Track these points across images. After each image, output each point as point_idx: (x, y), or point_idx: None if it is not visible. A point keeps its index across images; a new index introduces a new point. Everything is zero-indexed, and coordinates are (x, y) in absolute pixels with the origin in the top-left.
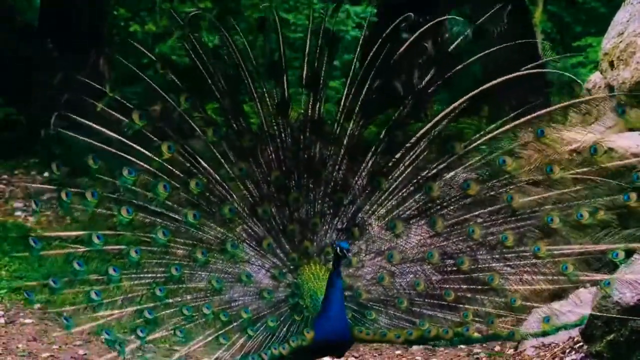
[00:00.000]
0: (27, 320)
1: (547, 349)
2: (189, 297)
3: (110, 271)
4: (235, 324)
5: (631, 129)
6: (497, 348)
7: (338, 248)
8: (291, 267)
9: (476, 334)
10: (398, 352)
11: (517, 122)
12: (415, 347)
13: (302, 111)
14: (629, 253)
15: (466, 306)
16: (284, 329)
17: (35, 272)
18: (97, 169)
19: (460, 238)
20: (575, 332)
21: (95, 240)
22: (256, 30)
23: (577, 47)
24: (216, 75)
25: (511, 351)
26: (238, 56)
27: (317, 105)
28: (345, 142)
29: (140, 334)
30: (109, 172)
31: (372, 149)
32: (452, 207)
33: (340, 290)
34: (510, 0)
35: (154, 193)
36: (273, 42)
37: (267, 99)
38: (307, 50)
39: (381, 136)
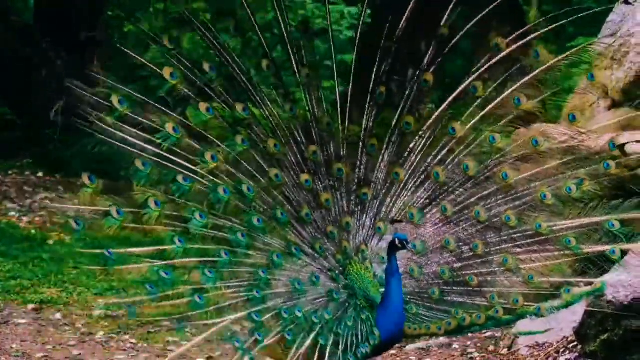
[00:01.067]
0: (21, 321)
1: (541, 348)
2: (279, 300)
3: (207, 272)
4: (322, 325)
5: (624, 129)
6: (491, 348)
7: (397, 240)
8: (340, 268)
9: (506, 315)
10: (392, 351)
11: (503, 95)
12: (409, 347)
13: (308, 109)
14: (622, 222)
15: (490, 289)
16: (360, 328)
17: (29, 271)
18: (148, 175)
19: (470, 223)
20: (569, 332)
21: (178, 243)
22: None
23: (570, 47)
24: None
25: (505, 351)
26: (229, 57)
27: (318, 101)
28: (362, 136)
29: (259, 338)
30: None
31: (386, 140)
32: (457, 192)
33: (400, 284)
34: (505, 0)
35: (215, 198)
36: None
37: (268, 100)
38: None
39: (393, 124)
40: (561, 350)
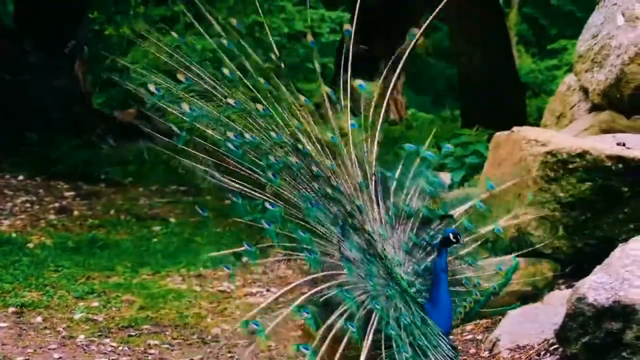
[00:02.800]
0: (2, 324)
1: (522, 351)
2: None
3: (349, 325)
4: (421, 330)
5: (605, 131)
6: (472, 351)
7: (452, 235)
8: (389, 271)
9: (481, 297)
10: None
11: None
12: None
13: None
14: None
15: (459, 276)
16: (430, 330)
17: (9, 275)
18: (242, 205)
19: (404, 220)
20: (550, 334)
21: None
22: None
23: (551, 49)
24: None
25: (486, 354)
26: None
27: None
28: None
29: (408, 355)
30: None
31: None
32: (377, 188)
33: (447, 280)
34: (484, 3)
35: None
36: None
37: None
38: None
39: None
40: (542, 353)
